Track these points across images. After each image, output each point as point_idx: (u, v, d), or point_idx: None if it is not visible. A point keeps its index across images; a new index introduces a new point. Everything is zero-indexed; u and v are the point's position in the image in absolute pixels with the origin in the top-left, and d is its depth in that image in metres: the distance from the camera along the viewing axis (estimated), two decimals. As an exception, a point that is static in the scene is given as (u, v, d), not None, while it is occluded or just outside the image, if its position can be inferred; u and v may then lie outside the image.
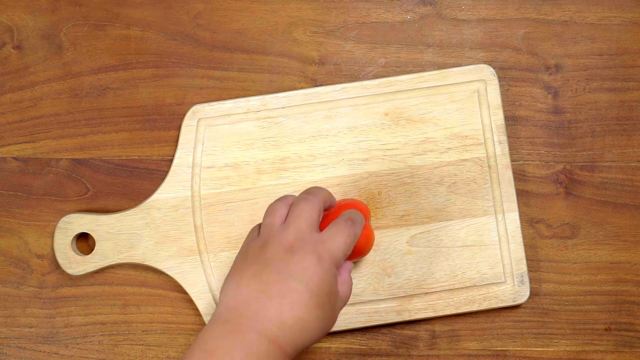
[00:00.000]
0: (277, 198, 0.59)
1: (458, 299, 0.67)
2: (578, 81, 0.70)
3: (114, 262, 0.68)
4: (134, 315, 0.70)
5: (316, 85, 0.70)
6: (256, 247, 0.56)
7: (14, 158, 0.71)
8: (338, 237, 0.56)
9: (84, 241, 0.70)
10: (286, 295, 0.52)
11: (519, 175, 0.69)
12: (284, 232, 0.55)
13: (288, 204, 0.58)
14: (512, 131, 0.69)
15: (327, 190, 0.60)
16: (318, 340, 0.55)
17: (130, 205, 0.69)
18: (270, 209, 0.58)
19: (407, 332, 0.69)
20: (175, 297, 0.70)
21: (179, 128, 0.69)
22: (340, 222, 0.57)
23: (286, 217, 0.57)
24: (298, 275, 0.53)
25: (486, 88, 0.68)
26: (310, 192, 0.58)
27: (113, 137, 0.71)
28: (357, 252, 0.63)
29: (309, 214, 0.56)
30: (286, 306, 0.52)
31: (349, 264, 0.60)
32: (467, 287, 0.67)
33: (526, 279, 0.67)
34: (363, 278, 0.67)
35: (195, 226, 0.68)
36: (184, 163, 0.68)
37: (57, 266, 0.70)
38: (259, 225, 0.59)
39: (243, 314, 0.52)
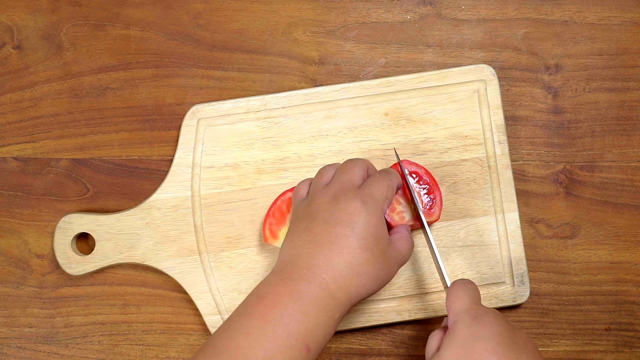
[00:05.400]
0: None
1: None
2: (578, 81, 0.70)
3: (114, 262, 0.68)
4: (134, 315, 0.70)
5: (316, 85, 0.70)
6: (304, 204, 0.60)
7: (14, 158, 0.71)
8: (376, 184, 0.59)
9: (84, 241, 0.70)
10: (334, 242, 0.55)
11: (519, 175, 0.69)
12: (328, 186, 0.59)
13: (336, 168, 0.62)
14: (512, 131, 0.69)
15: (369, 161, 0.63)
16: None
17: (130, 205, 0.69)
18: (320, 172, 0.62)
19: (407, 332, 0.69)
20: (175, 297, 0.70)
21: (179, 128, 0.69)
22: (375, 174, 0.60)
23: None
24: (344, 221, 0.56)
25: (486, 88, 0.68)
26: (357, 158, 0.62)
27: (113, 137, 0.71)
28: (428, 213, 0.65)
29: (353, 170, 0.59)
30: (334, 252, 0.55)
31: (406, 225, 0.63)
32: (467, 287, 0.67)
33: (526, 279, 0.67)
34: (363, 278, 0.67)
35: (195, 226, 0.68)
36: (184, 163, 0.68)
37: (57, 266, 0.70)
38: (303, 186, 0.63)
39: (295, 264, 0.55)
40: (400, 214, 0.65)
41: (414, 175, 0.66)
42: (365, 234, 0.56)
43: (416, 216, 0.64)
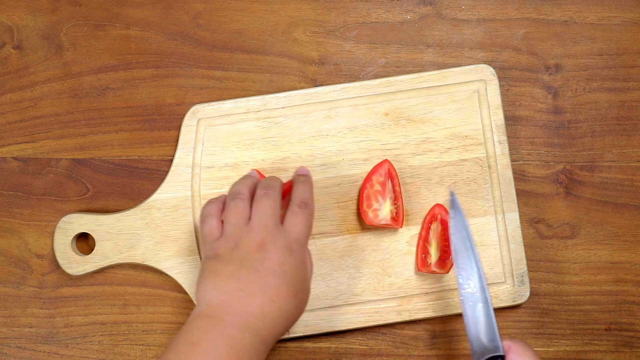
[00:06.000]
0: (230, 195, 0.60)
1: (458, 299, 0.67)
2: (578, 81, 0.70)
3: (114, 262, 0.68)
4: (134, 315, 0.70)
5: (316, 85, 0.70)
6: (228, 248, 0.58)
7: (14, 158, 0.71)
8: (299, 225, 0.59)
9: (84, 241, 0.70)
10: (266, 291, 0.56)
11: (519, 175, 0.69)
12: (252, 231, 0.58)
13: (247, 201, 0.60)
14: (512, 131, 0.69)
15: (280, 179, 0.62)
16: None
17: (130, 205, 0.69)
18: (232, 209, 0.59)
19: (407, 332, 0.69)
20: (175, 297, 0.70)
21: (179, 128, 0.69)
22: (294, 208, 0.60)
23: (250, 215, 0.59)
24: (275, 271, 0.56)
25: (486, 88, 0.68)
26: (269, 186, 0.61)
27: (113, 137, 0.71)
28: None
29: (272, 209, 0.59)
30: (267, 300, 0.56)
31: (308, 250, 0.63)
32: (467, 287, 0.67)
33: (526, 279, 0.67)
34: (363, 278, 0.67)
35: (195, 226, 0.68)
36: (184, 163, 0.68)
37: (57, 266, 0.70)
38: (212, 223, 0.60)
39: (226, 310, 0.55)
40: (375, 212, 0.65)
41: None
42: (294, 281, 0.57)
43: (392, 217, 0.66)
